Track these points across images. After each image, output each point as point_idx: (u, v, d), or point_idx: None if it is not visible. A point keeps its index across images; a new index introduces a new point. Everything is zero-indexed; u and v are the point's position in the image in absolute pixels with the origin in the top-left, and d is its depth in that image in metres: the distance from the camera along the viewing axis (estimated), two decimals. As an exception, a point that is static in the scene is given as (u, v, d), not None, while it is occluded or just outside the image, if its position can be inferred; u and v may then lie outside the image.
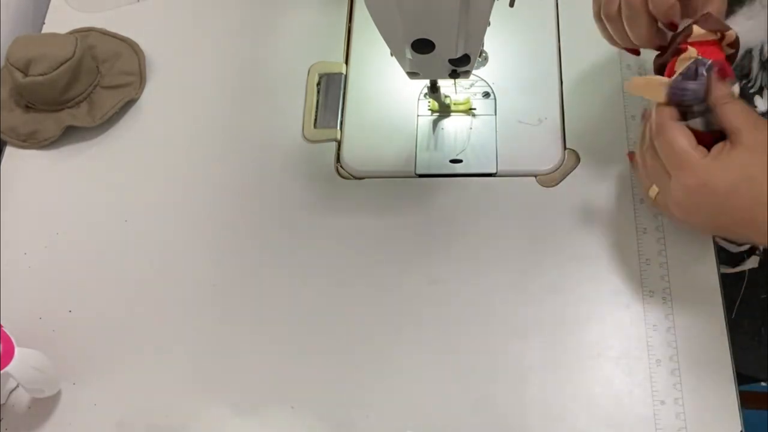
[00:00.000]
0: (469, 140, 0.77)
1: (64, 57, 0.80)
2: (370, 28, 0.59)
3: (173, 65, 0.87)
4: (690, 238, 0.70)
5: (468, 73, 0.68)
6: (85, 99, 0.84)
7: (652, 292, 0.69)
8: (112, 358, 0.72)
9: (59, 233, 0.79)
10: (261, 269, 0.75)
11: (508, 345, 0.68)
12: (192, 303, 0.74)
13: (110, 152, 0.83)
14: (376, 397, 0.68)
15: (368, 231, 0.75)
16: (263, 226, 0.77)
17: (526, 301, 0.70)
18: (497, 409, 0.66)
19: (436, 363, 0.68)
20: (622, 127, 0.76)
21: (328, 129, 0.81)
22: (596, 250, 0.70)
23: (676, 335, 0.67)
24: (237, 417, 0.68)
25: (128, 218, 0.79)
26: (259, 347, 0.71)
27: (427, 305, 0.71)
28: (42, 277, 0.77)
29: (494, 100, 0.79)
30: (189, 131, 0.83)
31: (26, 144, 0.84)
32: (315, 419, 0.67)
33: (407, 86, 0.78)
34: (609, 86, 0.78)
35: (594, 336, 0.68)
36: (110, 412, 0.70)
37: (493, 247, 0.72)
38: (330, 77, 0.84)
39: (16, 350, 0.65)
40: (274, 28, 0.87)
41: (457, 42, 0.60)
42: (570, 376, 0.66)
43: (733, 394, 0.64)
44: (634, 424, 0.64)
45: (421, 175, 0.77)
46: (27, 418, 0.71)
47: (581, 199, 0.73)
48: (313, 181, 0.78)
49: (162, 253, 0.77)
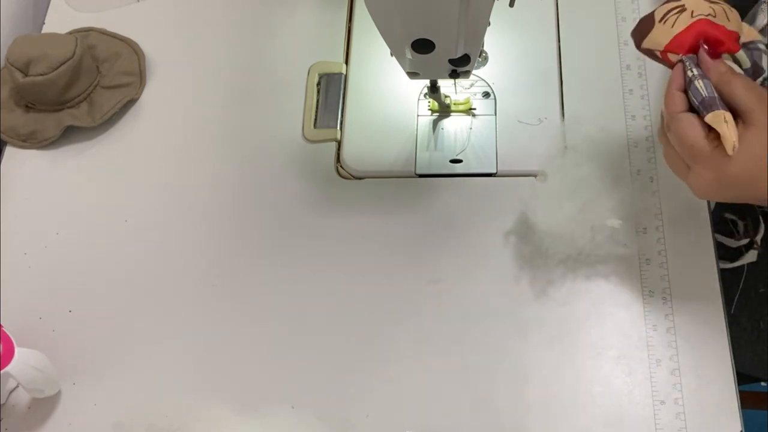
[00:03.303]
0: (469, 140, 0.77)
1: (64, 57, 0.80)
2: (370, 28, 0.59)
3: (173, 65, 0.87)
4: (690, 238, 0.70)
5: (468, 73, 0.68)
6: (85, 99, 0.84)
7: (652, 292, 0.69)
8: (112, 358, 0.73)
9: (59, 233, 0.79)
10: (261, 269, 0.75)
11: (508, 345, 0.68)
12: (192, 303, 0.74)
13: (110, 152, 0.83)
14: (376, 397, 0.68)
15: (368, 231, 0.75)
16: (263, 226, 0.77)
17: (526, 301, 0.70)
18: (497, 409, 0.66)
19: (436, 363, 0.69)
20: (622, 127, 0.76)
21: (328, 129, 0.81)
22: (596, 251, 0.70)
23: (676, 335, 0.67)
24: (237, 417, 0.68)
25: (128, 218, 0.79)
26: (259, 347, 0.71)
27: (427, 305, 0.71)
28: (42, 277, 0.77)
29: (494, 100, 0.79)
30: (189, 131, 0.83)
31: (26, 144, 0.84)
32: (315, 419, 0.67)
33: (407, 86, 0.78)
34: (609, 86, 0.78)
35: (594, 336, 0.68)
36: (110, 412, 0.70)
37: (493, 246, 0.72)
38: (330, 77, 0.84)
39: (16, 350, 0.65)
40: (274, 28, 0.87)
41: (457, 42, 0.60)
42: (570, 375, 0.66)
43: (733, 394, 0.64)
44: (634, 424, 0.64)
45: (421, 175, 0.77)
46: (27, 418, 0.71)
47: (581, 199, 0.73)
48: (313, 181, 0.78)
49: (162, 253, 0.77)
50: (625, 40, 0.80)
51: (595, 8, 0.82)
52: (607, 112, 0.77)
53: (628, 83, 0.78)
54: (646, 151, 0.74)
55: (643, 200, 0.72)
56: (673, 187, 0.72)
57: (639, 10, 0.81)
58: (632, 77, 0.78)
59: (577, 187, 0.73)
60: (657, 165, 0.74)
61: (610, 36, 0.80)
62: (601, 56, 0.79)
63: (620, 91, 0.78)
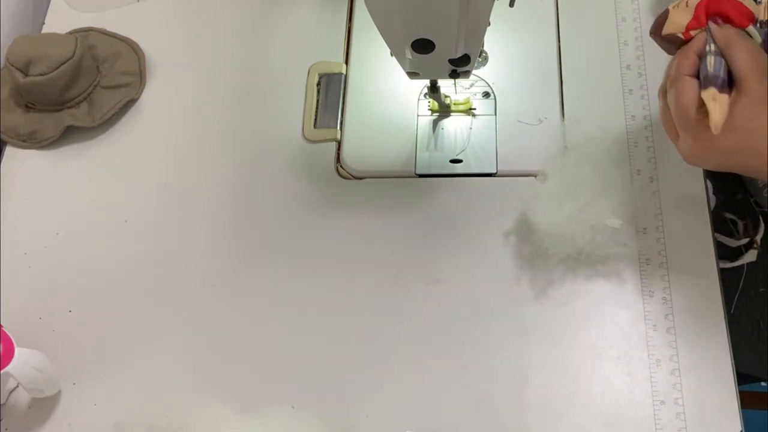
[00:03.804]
0: (469, 140, 0.77)
1: (64, 57, 0.80)
2: (370, 28, 0.59)
3: (173, 65, 0.87)
4: (690, 238, 0.70)
5: (468, 73, 0.68)
6: (85, 99, 0.84)
7: (652, 292, 0.69)
8: (112, 358, 0.73)
9: (59, 233, 0.79)
10: (261, 269, 0.75)
11: (508, 345, 0.68)
12: (192, 303, 0.74)
13: (110, 152, 0.83)
14: (376, 397, 0.68)
15: (368, 231, 0.75)
16: (263, 226, 0.77)
17: (526, 301, 0.70)
18: (497, 409, 0.66)
19: (436, 363, 0.69)
20: (622, 127, 0.76)
21: (328, 129, 0.81)
22: (596, 251, 0.70)
23: (676, 335, 0.67)
24: (237, 417, 0.68)
25: (128, 218, 0.79)
26: (259, 347, 0.71)
27: (427, 305, 0.71)
28: (42, 277, 0.77)
29: (494, 100, 0.79)
30: (189, 131, 0.83)
31: (26, 144, 0.84)
32: (315, 419, 0.67)
33: (407, 86, 0.78)
34: (609, 86, 0.78)
35: (594, 336, 0.68)
36: (110, 412, 0.70)
37: (493, 246, 0.72)
38: (330, 77, 0.84)
39: (16, 350, 0.65)
40: (274, 28, 0.87)
41: (457, 42, 0.60)
42: (570, 376, 0.66)
43: (733, 394, 0.64)
44: (634, 424, 0.64)
45: (421, 175, 0.77)
46: (27, 418, 0.71)
47: (581, 199, 0.73)
48: (313, 181, 0.78)
49: (162, 252, 0.77)
50: (625, 40, 0.80)
51: (595, 8, 0.82)
52: (607, 112, 0.77)
53: (628, 83, 0.78)
54: (646, 151, 0.74)
55: (643, 200, 0.72)
56: (673, 187, 0.73)
57: (639, 10, 0.81)
58: (632, 77, 0.78)
59: (577, 187, 0.73)
60: (657, 165, 0.74)
61: (610, 36, 0.80)
62: (601, 56, 0.79)
63: (620, 91, 0.78)
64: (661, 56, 0.62)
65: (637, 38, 0.80)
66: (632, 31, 0.80)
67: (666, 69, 0.61)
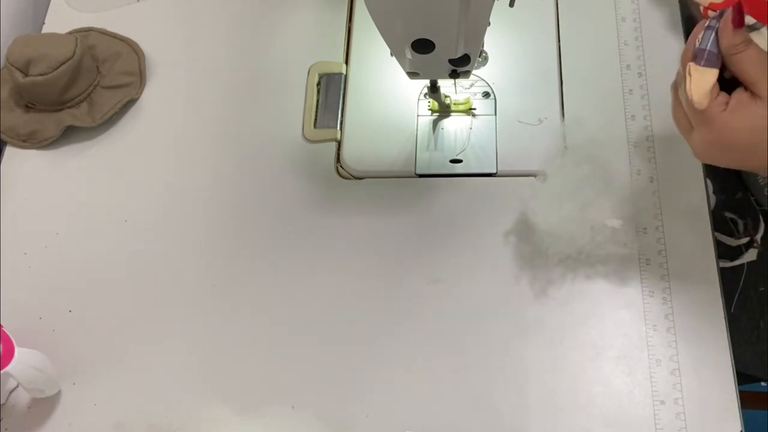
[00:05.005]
0: (469, 140, 0.77)
1: (64, 57, 0.80)
2: (370, 28, 0.59)
3: (173, 65, 0.87)
4: (690, 237, 0.70)
5: (468, 73, 0.68)
6: (85, 99, 0.84)
7: (652, 292, 0.69)
8: (112, 358, 0.73)
9: (59, 233, 0.79)
10: (261, 269, 0.75)
11: (508, 345, 0.68)
12: (192, 303, 0.74)
13: (110, 152, 0.83)
14: (376, 397, 0.68)
15: (368, 231, 0.75)
16: (263, 226, 0.77)
17: (526, 301, 0.70)
18: (497, 409, 0.66)
19: (436, 363, 0.69)
20: (622, 127, 0.76)
21: (328, 129, 0.81)
22: (596, 251, 0.70)
23: (676, 335, 0.67)
24: (237, 417, 0.68)
25: (128, 218, 0.79)
26: (260, 347, 0.71)
27: (427, 305, 0.71)
28: (42, 277, 0.77)
29: (494, 100, 0.79)
30: (189, 131, 0.83)
31: (26, 144, 0.84)
32: (315, 419, 0.67)
33: (407, 86, 0.78)
34: (609, 86, 0.78)
35: (594, 336, 0.68)
36: (110, 412, 0.70)
37: (493, 246, 0.72)
38: (330, 77, 0.84)
39: (16, 350, 0.65)
40: (274, 28, 0.87)
41: (457, 42, 0.60)
42: (570, 376, 0.66)
43: (733, 394, 0.64)
44: (634, 424, 0.64)
45: (421, 175, 0.77)
46: (27, 418, 0.71)
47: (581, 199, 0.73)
48: (313, 181, 0.78)
49: (162, 253, 0.77)
50: (625, 40, 0.80)
51: (595, 8, 0.82)
52: (607, 112, 0.77)
53: (628, 83, 0.78)
54: (646, 151, 0.74)
55: (643, 200, 0.72)
56: (673, 187, 0.73)
57: (639, 10, 0.81)
58: (632, 77, 0.78)
59: (577, 187, 0.73)
60: (657, 165, 0.74)
61: (610, 36, 0.80)
62: (601, 56, 0.79)
63: (620, 91, 0.78)
64: (661, 56, 0.62)
65: (637, 38, 0.80)
66: (632, 31, 0.80)
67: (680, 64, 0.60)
